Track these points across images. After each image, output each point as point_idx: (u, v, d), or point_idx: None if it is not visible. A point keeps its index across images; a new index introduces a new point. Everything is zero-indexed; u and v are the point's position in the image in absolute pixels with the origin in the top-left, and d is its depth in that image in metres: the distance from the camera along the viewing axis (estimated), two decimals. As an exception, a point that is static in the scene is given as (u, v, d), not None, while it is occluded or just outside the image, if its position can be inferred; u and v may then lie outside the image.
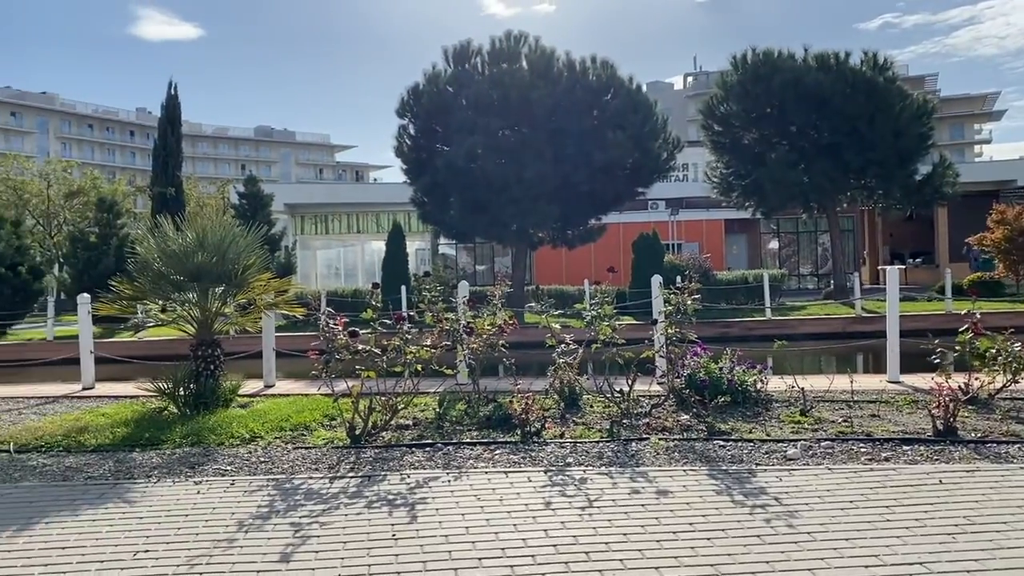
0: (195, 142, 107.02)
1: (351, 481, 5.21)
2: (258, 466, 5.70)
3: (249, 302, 8.52)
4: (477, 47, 23.40)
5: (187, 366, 7.97)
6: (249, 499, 4.86)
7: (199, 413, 7.33)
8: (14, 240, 26.09)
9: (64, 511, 4.71)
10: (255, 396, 8.84)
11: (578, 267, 30.86)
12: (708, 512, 4.41)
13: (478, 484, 5.04)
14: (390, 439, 6.38)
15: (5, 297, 25.26)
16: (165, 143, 33.06)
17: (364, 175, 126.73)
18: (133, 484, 5.27)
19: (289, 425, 6.93)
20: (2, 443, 6.63)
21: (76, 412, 8.19)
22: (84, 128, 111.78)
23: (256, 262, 8.29)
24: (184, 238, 8.02)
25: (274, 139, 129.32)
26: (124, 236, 27.79)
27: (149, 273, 8.07)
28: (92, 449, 6.36)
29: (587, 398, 7.56)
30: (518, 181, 21.39)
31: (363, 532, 4.19)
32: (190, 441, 6.44)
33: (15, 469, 5.84)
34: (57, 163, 58.03)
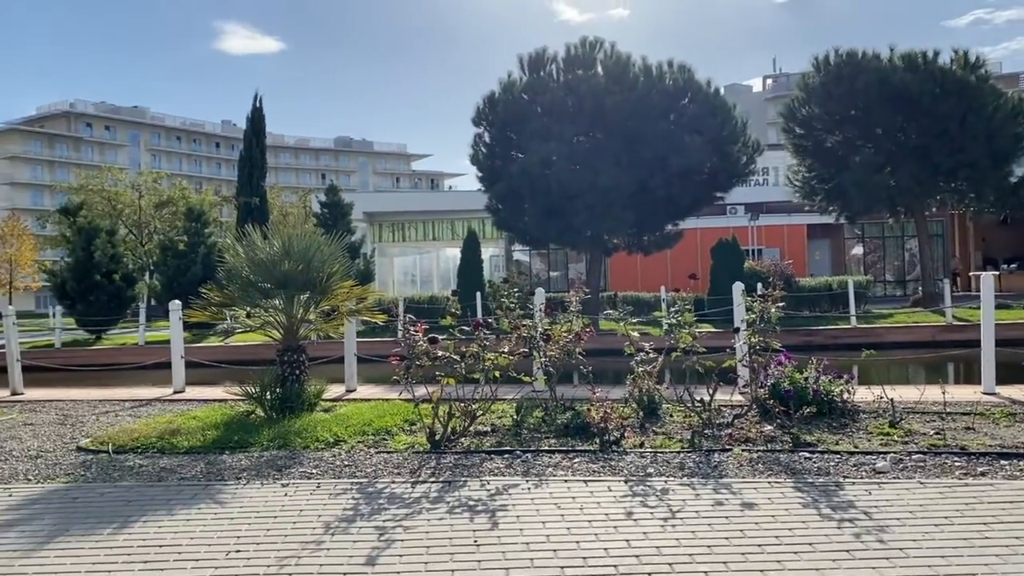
0: (277, 153, 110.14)
1: (432, 486, 5.28)
2: (342, 469, 5.82)
3: (332, 309, 8.72)
4: (552, 54, 23.48)
5: (273, 371, 8.19)
6: (334, 502, 4.97)
7: (285, 417, 7.53)
8: (109, 249, 27.28)
9: (160, 510, 4.90)
10: (338, 400, 9.04)
11: (654, 273, 30.55)
12: (794, 525, 4.31)
13: (558, 492, 5.04)
14: (469, 445, 6.43)
15: (101, 303, 26.44)
16: (250, 154, 34.08)
17: (439, 183, 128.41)
18: (224, 485, 5.45)
19: (371, 429, 7.07)
20: (102, 444, 6.94)
21: (168, 415, 8.52)
22: (173, 140, 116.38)
23: (339, 270, 8.49)
24: (271, 247, 8.27)
25: (353, 149, 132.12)
26: (211, 244, 28.76)
27: (238, 280, 8.35)
28: (184, 451, 6.60)
29: (666, 407, 7.47)
30: (593, 187, 21.34)
31: (446, 537, 4.24)
32: (277, 444, 6.63)
33: (114, 469, 6.11)
34: (148, 174, 60.62)
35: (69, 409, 9.56)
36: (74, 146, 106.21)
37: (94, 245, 26.46)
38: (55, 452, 6.88)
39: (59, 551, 4.20)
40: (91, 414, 9.10)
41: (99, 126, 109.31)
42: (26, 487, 5.68)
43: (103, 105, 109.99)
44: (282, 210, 56.28)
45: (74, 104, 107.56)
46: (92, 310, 26.11)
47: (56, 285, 27.14)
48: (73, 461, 6.47)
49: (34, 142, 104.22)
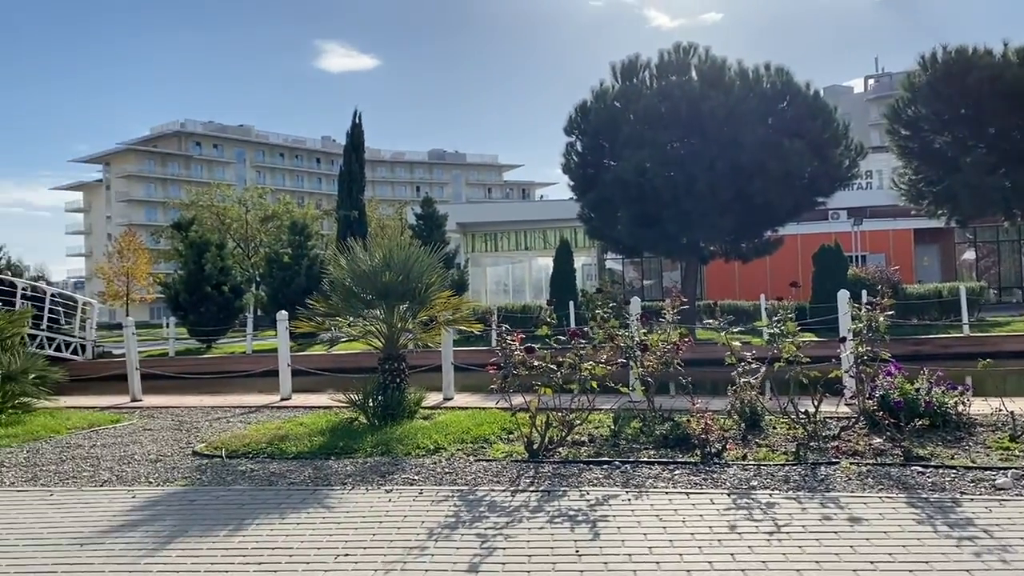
0: (374, 167, 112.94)
1: (532, 495, 5.31)
2: (443, 477, 5.92)
3: (431, 318, 8.89)
4: (645, 61, 23.30)
5: (375, 379, 8.41)
6: (436, 508, 5.07)
7: (387, 424, 7.72)
8: (218, 262, 28.54)
9: (272, 514, 5.10)
10: (436, 408, 9.19)
11: (752, 281, 29.86)
12: (908, 542, 4.14)
13: (659, 504, 4.99)
14: (567, 455, 6.44)
15: (211, 314, 27.67)
16: (349, 169, 35.08)
17: (530, 193, 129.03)
18: (331, 491, 5.63)
19: (470, 437, 7.17)
20: (215, 449, 7.27)
21: (276, 421, 8.85)
22: (276, 157, 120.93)
23: (437, 281, 8.66)
24: (372, 259, 8.50)
25: (446, 161, 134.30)
26: (314, 257, 29.69)
27: (341, 292, 8.61)
28: (293, 456, 6.85)
29: (769, 419, 7.29)
30: (688, 194, 21.04)
31: (547, 547, 4.26)
32: (380, 451, 6.80)
33: (227, 473, 6.39)
34: (253, 190, 63.17)
35: (184, 415, 10.05)
36: (185, 164, 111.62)
37: (205, 258, 27.74)
38: (173, 456, 7.24)
39: (180, 551, 4.42)
40: (204, 420, 9.53)
41: (208, 144, 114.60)
42: (148, 489, 5.99)
43: (211, 124, 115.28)
44: (379, 222, 57.67)
45: (184, 124, 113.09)
46: (203, 320, 27.34)
47: (170, 297, 28.57)
48: (189, 465, 6.80)
49: (148, 161, 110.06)
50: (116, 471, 6.65)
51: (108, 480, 6.33)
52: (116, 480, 6.32)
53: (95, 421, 9.50)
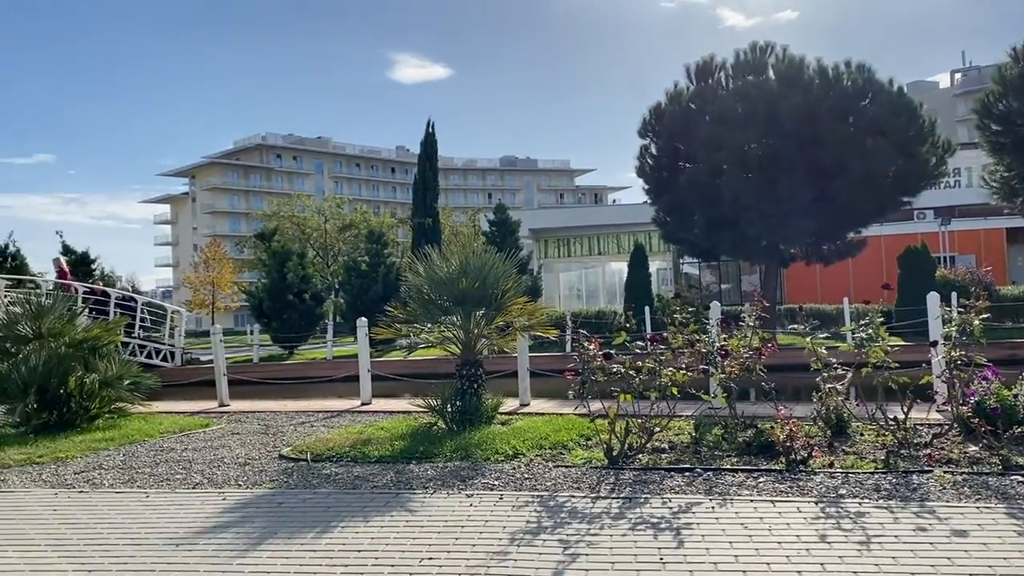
0: (447, 174, 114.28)
1: (613, 502, 5.28)
2: (523, 482, 5.94)
3: (507, 324, 8.93)
4: (720, 62, 22.97)
5: (453, 384, 8.49)
6: (517, 514, 5.08)
7: (465, 429, 7.78)
8: (300, 270, 29.29)
9: (357, 517, 5.19)
10: (512, 414, 9.22)
11: (834, 284, 29.06)
12: (1011, 555, 3.96)
13: (744, 512, 4.90)
14: (647, 462, 6.38)
15: (293, 321, 28.41)
16: (423, 177, 35.58)
17: (602, 197, 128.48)
18: (413, 495, 5.71)
19: (548, 443, 7.17)
20: (301, 452, 7.46)
21: (358, 425, 9.02)
22: (352, 167, 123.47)
23: (513, 287, 8.69)
24: (449, 266, 8.60)
25: (517, 168, 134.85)
26: (390, 264, 30.17)
27: (419, 298, 8.73)
28: (375, 460, 6.97)
29: (856, 426, 7.08)
30: (767, 195, 20.62)
31: (630, 553, 4.23)
32: (459, 456, 6.86)
33: (313, 476, 6.54)
34: (331, 200, 64.62)
35: (269, 419, 10.33)
36: (266, 176, 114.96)
37: (287, 267, 28.50)
38: (260, 460, 7.45)
39: (270, 552, 4.54)
40: (289, 424, 9.78)
41: (287, 156, 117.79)
42: (237, 491, 6.18)
43: (290, 137, 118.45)
44: (453, 229, 58.25)
45: (265, 137, 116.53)
46: (285, 327, 28.09)
47: (254, 305, 29.44)
48: (276, 468, 6.98)
49: (231, 174, 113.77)
50: (207, 474, 6.88)
51: (200, 483, 6.55)
52: (207, 483, 6.54)
53: (186, 425, 9.84)
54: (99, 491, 6.41)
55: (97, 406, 9.84)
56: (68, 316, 10.41)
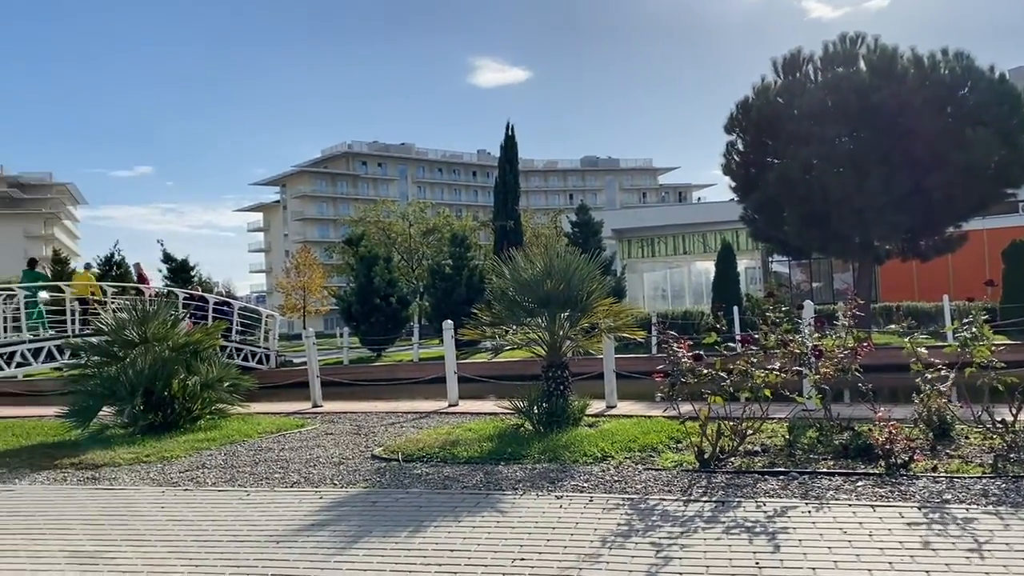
0: (527, 176, 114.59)
1: (705, 505, 5.20)
2: (612, 484, 5.92)
3: (592, 326, 8.90)
4: (808, 54, 22.35)
5: (539, 386, 8.51)
6: (608, 516, 5.06)
7: (552, 431, 7.79)
8: (386, 274, 29.86)
9: (448, 516, 5.27)
10: (599, 416, 9.19)
11: (932, 281, 27.87)
12: None
13: (842, 517, 4.76)
14: (740, 465, 6.26)
15: (380, 324, 28.98)
16: (504, 181, 35.79)
17: (687, 195, 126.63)
18: (502, 495, 5.75)
19: (637, 446, 7.12)
20: (392, 453, 7.61)
21: (446, 426, 9.14)
22: (435, 172, 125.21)
23: (598, 288, 8.67)
24: (534, 268, 8.63)
25: (599, 168, 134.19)
26: (473, 267, 30.46)
27: (504, 300, 8.79)
28: (464, 461, 7.05)
29: (960, 428, 6.79)
30: (860, 190, 19.94)
31: (724, 558, 4.16)
32: (547, 457, 6.88)
33: (404, 476, 6.66)
34: (415, 204, 65.65)
35: (361, 420, 10.57)
36: (352, 183, 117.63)
37: (374, 272, 29.11)
38: (353, 460, 7.63)
39: (366, 550, 4.65)
40: (379, 425, 9.99)
41: (372, 163, 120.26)
42: (333, 491, 6.35)
43: (375, 144, 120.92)
44: (534, 231, 58.37)
45: (351, 145, 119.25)
46: (373, 330, 28.68)
47: (343, 308, 30.16)
48: (369, 468, 7.14)
49: (319, 181, 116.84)
50: (304, 473, 7.09)
51: (297, 481, 6.76)
52: (304, 482, 6.74)
53: (282, 426, 10.16)
54: (203, 489, 6.69)
55: (199, 407, 10.25)
56: (171, 321, 10.89)
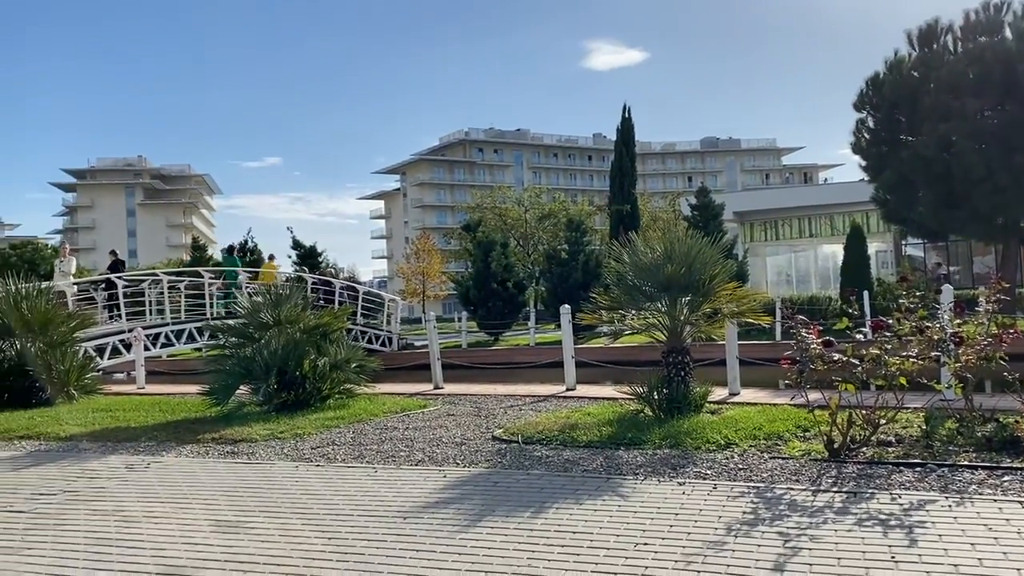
0: (644, 159, 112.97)
1: (835, 496, 5.02)
2: (737, 472, 5.79)
3: (714, 311, 8.71)
4: (946, 25, 21.06)
5: (659, 372, 8.41)
6: (733, 504, 4.97)
7: (673, 417, 7.70)
8: (503, 260, 30.20)
9: (569, 499, 5.30)
10: (721, 403, 9.00)
11: (1087, 264, 25.73)
12: None
13: (987, 512, 4.50)
14: (872, 455, 6.01)
15: (497, 308, 29.36)
16: (620, 164, 35.40)
17: (813, 176, 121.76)
18: (623, 480, 5.74)
19: (762, 434, 6.93)
20: (512, 435, 7.71)
21: (565, 410, 9.18)
22: (550, 157, 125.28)
23: (721, 272, 8.47)
24: (654, 252, 8.52)
25: (719, 149, 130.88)
26: (589, 252, 30.37)
27: (623, 285, 8.72)
28: (583, 445, 7.07)
29: (1123, 422, 6.26)
30: (1005, 168, 18.66)
31: (857, 550, 4.01)
32: (668, 443, 6.80)
33: (524, 458, 6.74)
34: (531, 190, 65.89)
35: (480, 402, 10.75)
36: (469, 170, 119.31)
37: (491, 257, 29.49)
38: (475, 440, 7.77)
39: (489, 529, 4.73)
40: (499, 407, 10.13)
41: (489, 150, 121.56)
42: (456, 470, 6.50)
43: (491, 131, 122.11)
44: (652, 215, 57.50)
45: (468, 132, 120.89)
46: (490, 315, 29.10)
47: (461, 293, 30.73)
48: (490, 449, 7.26)
49: (437, 169, 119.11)
50: (427, 452, 7.28)
51: (422, 460, 6.95)
52: (428, 460, 6.92)
53: (406, 406, 10.46)
54: (333, 465, 6.98)
55: (328, 387, 10.68)
56: (302, 304, 11.38)
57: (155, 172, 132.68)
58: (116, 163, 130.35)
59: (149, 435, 9.00)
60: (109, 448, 8.43)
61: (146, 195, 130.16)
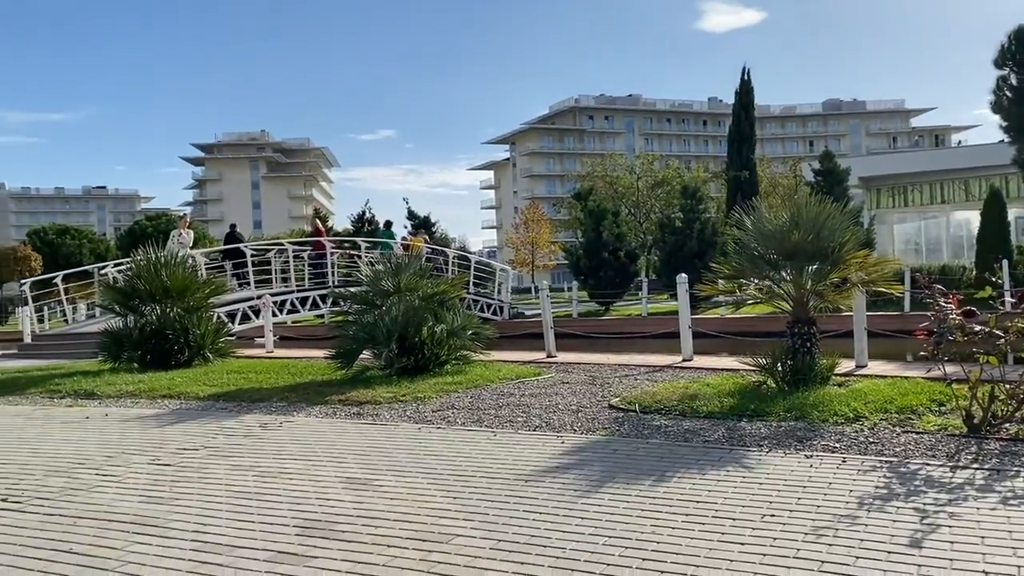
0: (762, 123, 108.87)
1: (976, 472, 4.78)
2: (867, 446, 5.58)
3: (842, 280, 8.38)
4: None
5: (784, 343, 8.17)
6: (864, 479, 4.80)
7: (797, 389, 7.47)
8: (614, 228, 29.97)
9: (691, 469, 5.24)
10: (848, 375, 8.67)
11: None
12: None
13: None
14: (1016, 432, 5.66)
15: (608, 278, 29.21)
16: (739, 128, 34.39)
17: (945, 139, 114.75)
18: (747, 452, 5.63)
19: (893, 407, 6.65)
20: (629, 404, 7.68)
21: (682, 381, 9.06)
22: (663, 123, 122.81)
23: (851, 239, 8.12)
24: (779, 219, 8.24)
25: (843, 111, 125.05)
26: (705, 220, 29.72)
27: (745, 253, 8.49)
28: (704, 415, 6.96)
29: None
30: None
31: (1003, 529, 3.80)
32: (793, 416, 6.61)
33: (643, 427, 6.71)
34: (643, 157, 64.85)
35: (594, 371, 10.74)
36: (578, 138, 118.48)
37: (602, 226, 29.33)
38: (591, 408, 7.78)
39: (610, 495, 4.74)
40: (613, 376, 10.09)
41: (599, 117, 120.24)
42: (573, 436, 6.53)
43: (602, 97, 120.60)
44: (771, 181, 55.60)
45: (578, 100, 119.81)
46: (601, 284, 29.00)
47: (571, 262, 30.73)
48: (607, 417, 7.26)
49: (546, 138, 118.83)
50: (544, 418, 7.34)
51: (539, 426, 7.02)
52: (545, 426, 6.98)
53: (520, 373, 10.57)
54: (454, 428, 7.14)
55: (445, 353, 10.90)
56: (420, 273, 11.63)
57: (277, 146, 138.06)
58: (240, 137, 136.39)
59: (280, 396, 9.45)
60: (244, 408, 8.91)
61: (269, 168, 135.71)
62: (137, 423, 8.21)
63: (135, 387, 10.71)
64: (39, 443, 7.31)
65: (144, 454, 6.54)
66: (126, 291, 14.13)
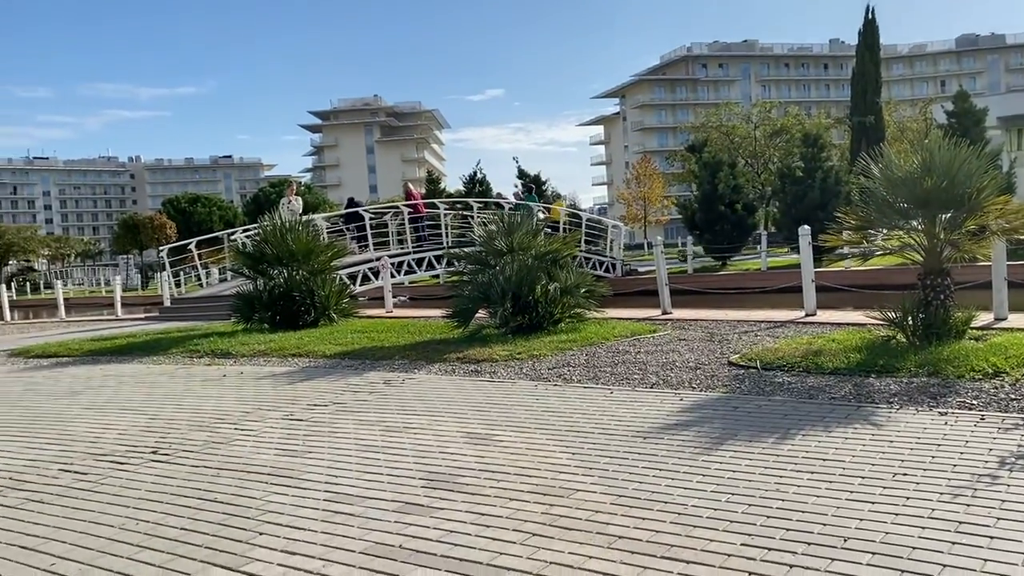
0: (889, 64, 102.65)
1: None
2: (1009, 403, 5.29)
3: (980, 228, 7.87)
4: None
5: (915, 295, 7.78)
6: (1005, 437, 4.55)
7: (930, 343, 7.12)
8: (730, 180, 29.09)
9: (816, 426, 5.10)
10: (986, 329, 8.19)
11: None
12: None
13: None
14: None
15: (725, 232, 28.47)
16: (863, 70, 32.62)
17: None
18: (876, 408, 5.42)
19: (1038, 363, 6.25)
20: (749, 360, 7.51)
21: (805, 336, 8.78)
22: (780, 68, 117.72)
23: (989, 184, 7.60)
24: (909, 164, 7.80)
25: (979, 47, 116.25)
26: (828, 169, 28.40)
27: (873, 202, 8.09)
28: (829, 371, 6.74)
29: None
30: None
31: None
32: (926, 371, 6.32)
33: (765, 384, 6.56)
34: (760, 105, 62.41)
35: (712, 328, 10.54)
36: (691, 88, 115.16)
37: (717, 178, 28.53)
38: (709, 365, 7.66)
39: (731, 453, 4.67)
40: (732, 333, 9.89)
41: (713, 65, 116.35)
42: (692, 394, 6.46)
43: (715, 44, 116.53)
44: (899, 126, 52.49)
45: (690, 48, 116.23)
46: (717, 238, 28.30)
47: (686, 217, 30.09)
48: (726, 374, 7.13)
49: (658, 89, 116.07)
50: (661, 375, 7.29)
51: (656, 383, 6.97)
52: (663, 384, 6.93)
53: (635, 331, 10.50)
54: (570, 385, 7.19)
55: (559, 311, 10.94)
56: (533, 231, 11.67)
57: (389, 110, 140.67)
58: (355, 103, 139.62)
59: (401, 354, 9.75)
60: (367, 365, 9.25)
61: (382, 132, 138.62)
62: (270, 380, 8.67)
63: (266, 346, 11.28)
64: (182, 399, 7.83)
65: (277, 409, 6.91)
66: (255, 255, 14.83)
